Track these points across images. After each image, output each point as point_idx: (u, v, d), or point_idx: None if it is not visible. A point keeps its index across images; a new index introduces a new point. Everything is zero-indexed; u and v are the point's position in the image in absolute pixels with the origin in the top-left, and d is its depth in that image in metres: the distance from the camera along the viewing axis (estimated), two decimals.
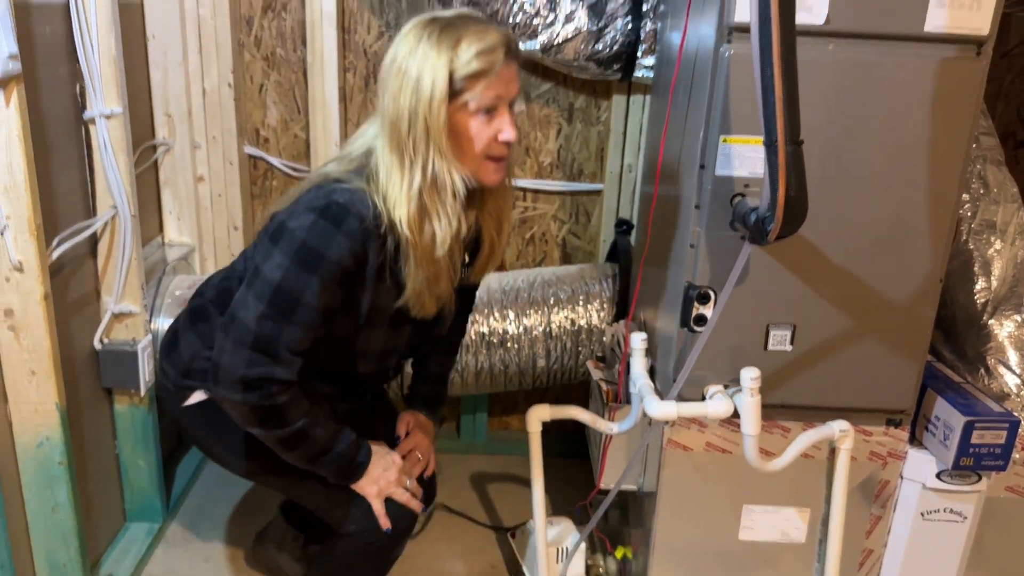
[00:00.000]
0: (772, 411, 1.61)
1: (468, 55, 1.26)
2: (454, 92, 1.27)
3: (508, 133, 1.31)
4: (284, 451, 1.41)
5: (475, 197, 1.42)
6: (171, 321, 2.05)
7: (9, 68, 1.43)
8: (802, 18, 1.35)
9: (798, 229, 1.30)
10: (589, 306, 2.21)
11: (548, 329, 2.18)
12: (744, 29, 1.33)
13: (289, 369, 1.33)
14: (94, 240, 1.88)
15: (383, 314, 1.40)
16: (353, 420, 1.54)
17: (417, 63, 1.26)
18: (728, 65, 1.40)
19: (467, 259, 1.51)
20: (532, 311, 2.19)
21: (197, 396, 1.55)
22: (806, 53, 1.30)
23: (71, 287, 1.81)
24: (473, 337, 2.16)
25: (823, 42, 1.41)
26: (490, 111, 1.29)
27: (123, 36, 1.84)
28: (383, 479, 1.50)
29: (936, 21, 1.39)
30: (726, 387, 1.57)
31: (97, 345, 1.92)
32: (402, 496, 1.53)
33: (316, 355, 1.38)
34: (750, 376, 1.49)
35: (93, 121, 1.80)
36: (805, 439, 1.57)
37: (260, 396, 1.32)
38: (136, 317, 1.95)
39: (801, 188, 1.26)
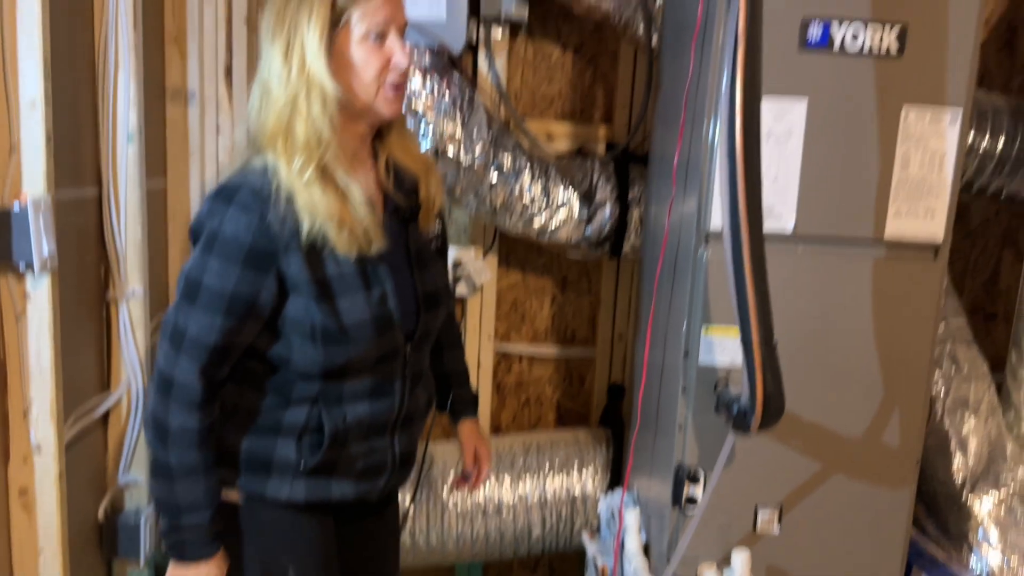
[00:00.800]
0: None
1: None
2: (337, 18, 1.22)
3: (400, 56, 1.25)
4: (150, 473, 1.31)
5: (380, 137, 1.37)
6: None
7: (46, 266, 1.56)
8: (771, 225, 1.49)
9: (778, 422, 1.39)
10: (584, 472, 2.26)
11: (543, 497, 2.22)
12: (720, 235, 1.47)
13: (191, 370, 1.22)
14: (106, 412, 1.95)
15: (342, 280, 1.28)
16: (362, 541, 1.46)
17: None
18: (706, 267, 1.53)
19: (417, 203, 1.42)
20: (527, 477, 2.24)
21: (225, 495, 1.36)
22: (777, 254, 1.43)
23: (81, 460, 1.86)
24: (468, 506, 2.20)
25: (793, 245, 1.55)
26: (380, 36, 1.24)
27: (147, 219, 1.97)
28: None
29: (895, 229, 1.54)
30: (719, 566, 1.61)
31: (101, 516, 1.95)
32: None
33: (326, 359, 1.27)
34: (741, 560, 1.53)
35: (114, 301, 1.92)
36: None
37: (159, 403, 1.24)
38: (141, 487, 1.99)
39: (778, 385, 1.36)
